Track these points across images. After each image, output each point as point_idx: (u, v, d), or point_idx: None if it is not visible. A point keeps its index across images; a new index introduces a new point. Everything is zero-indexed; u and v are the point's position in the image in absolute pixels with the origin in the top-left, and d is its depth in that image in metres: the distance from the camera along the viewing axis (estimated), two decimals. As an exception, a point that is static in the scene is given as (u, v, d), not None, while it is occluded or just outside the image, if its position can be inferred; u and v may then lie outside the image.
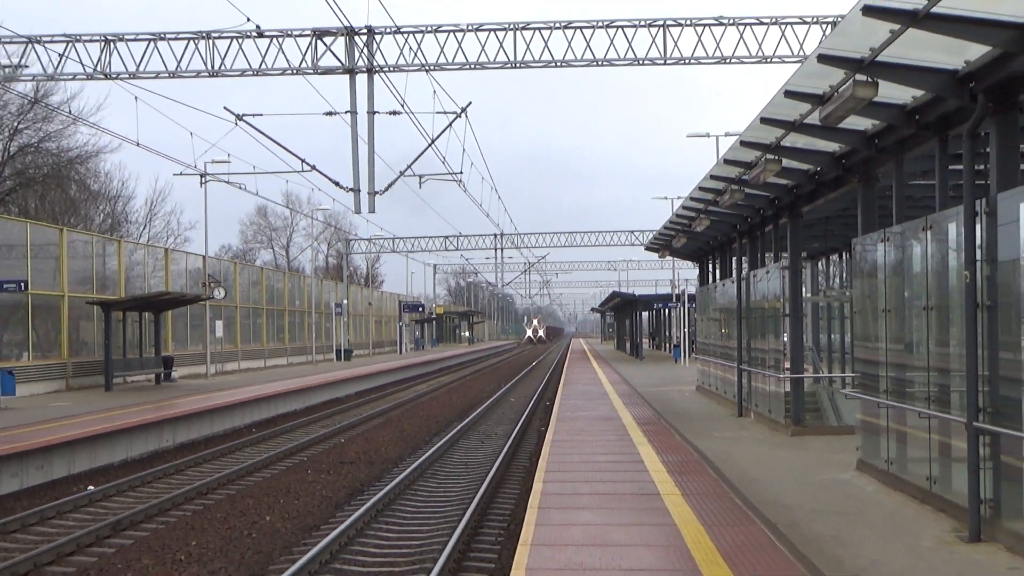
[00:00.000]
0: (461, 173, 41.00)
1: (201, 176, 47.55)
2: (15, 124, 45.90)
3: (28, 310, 33.74)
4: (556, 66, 32.46)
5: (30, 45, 32.81)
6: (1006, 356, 10.00)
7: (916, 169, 15.21)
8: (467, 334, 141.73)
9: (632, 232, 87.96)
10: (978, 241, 10.14)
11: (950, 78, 10.54)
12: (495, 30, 32.30)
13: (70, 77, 33.65)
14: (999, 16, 8.95)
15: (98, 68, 32.49)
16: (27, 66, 33.50)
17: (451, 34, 32.48)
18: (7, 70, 33.86)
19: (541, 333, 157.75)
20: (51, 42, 32.73)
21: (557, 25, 32.19)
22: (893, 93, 11.44)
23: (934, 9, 8.77)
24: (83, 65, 32.64)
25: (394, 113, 33.52)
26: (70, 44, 32.56)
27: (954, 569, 9.10)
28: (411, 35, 32.64)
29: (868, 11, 9.22)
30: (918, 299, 12.39)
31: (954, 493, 11.08)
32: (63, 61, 32.75)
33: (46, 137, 49.06)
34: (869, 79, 10.50)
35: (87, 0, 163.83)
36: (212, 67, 32.38)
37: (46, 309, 35.15)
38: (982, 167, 10.98)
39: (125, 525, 15.08)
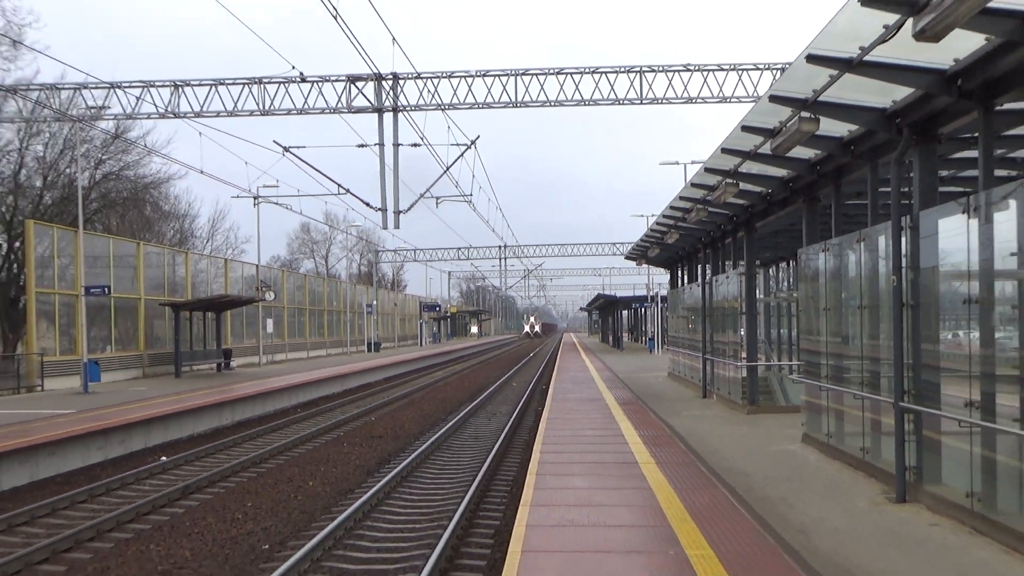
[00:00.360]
0: (471, 195, 41.05)
1: (254, 198, 47.62)
2: (100, 156, 45.96)
3: (111, 310, 33.85)
4: (551, 105, 32.54)
5: (112, 90, 32.86)
6: (926, 347, 10.08)
7: (851, 191, 15.24)
8: (475, 330, 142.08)
9: (614, 244, 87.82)
10: (903, 251, 10.22)
11: (880, 115, 10.60)
12: (499, 76, 32.37)
13: (145, 116, 33.73)
14: (920, 63, 8.99)
15: (168, 108, 32.55)
16: (109, 107, 33.55)
17: (462, 79, 32.54)
18: (93, 111, 33.92)
19: (537, 329, 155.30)
20: (129, 87, 32.78)
21: (551, 71, 32.25)
22: (832, 127, 11.50)
23: (866, 57, 8.82)
24: (156, 106, 32.72)
25: (415, 145, 33.62)
26: (145, 89, 32.61)
27: (884, 526, 9.15)
28: (429, 80, 32.70)
29: (811, 59, 9.27)
30: (853, 299, 12.45)
31: (883, 462, 11.13)
32: (139, 103, 32.82)
33: (125, 166, 49.06)
34: (812, 116, 10.56)
35: (160, 51, 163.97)
36: (263, 107, 32.44)
37: (126, 309, 35.23)
38: (906, 190, 11.01)
39: (192, 489, 15.14)
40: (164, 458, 18.29)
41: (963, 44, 8.32)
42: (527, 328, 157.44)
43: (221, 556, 10.98)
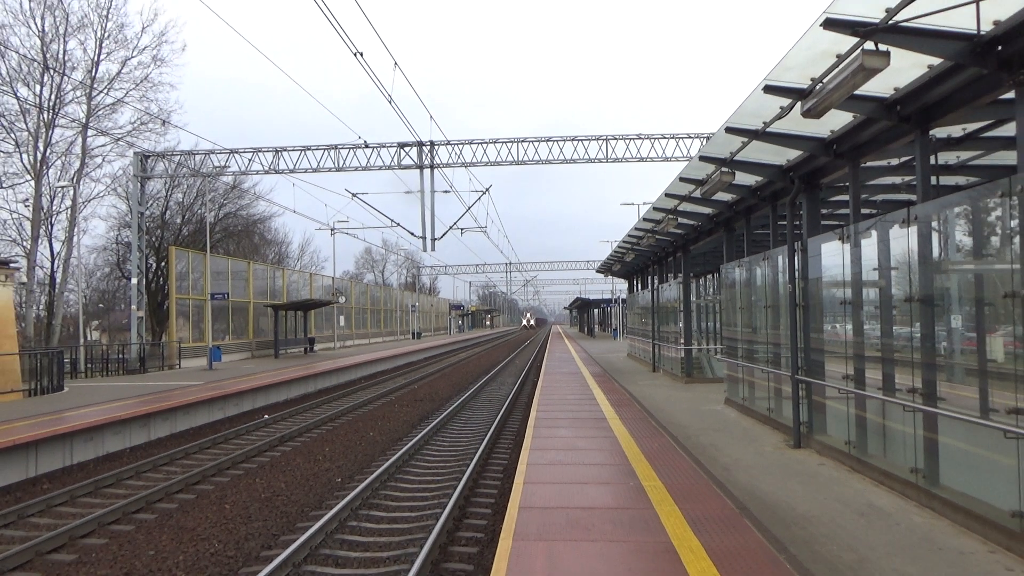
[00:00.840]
0: (486, 227, 41.04)
1: (331, 230, 47.54)
2: (222, 200, 46.07)
3: (229, 310, 33.81)
4: (543, 163, 32.48)
5: (231, 154, 32.84)
6: (813, 335, 9.99)
7: (758, 223, 15.15)
8: (489, 323, 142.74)
9: (588, 261, 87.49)
10: (797, 266, 10.12)
11: (778, 169, 10.53)
12: (506, 142, 32.34)
13: (254, 173, 33.71)
14: (806, 133, 8.93)
15: (271, 167, 32.51)
16: (229, 166, 33.54)
17: (479, 145, 32.49)
18: (217, 169, 33.92)
19: (532, 322, 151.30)
20: (243, 152, 32.74)
21: (543, 139, 32.22)
22: (744, 179, 11.44)
23: (768, 129, 8.76)
24: (262, 165, 32.68)
25: (445, 191, 33.71)
26: (254, 153, 32.57)
27: (784, 464, 9.06)
28: (456, 145, 32.65)
29: (729, 130, 9.21)
30: (760, 301, 12.36)
31: (784, 418, 11.04)
32: (250, 163, 32.78)
33: (240, 208, 49.14)
34: (730, 171, 10.49)
35: (264, 126, 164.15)
36: (338, 165, 32.39)
37: (239, 310, 35.20)
38: (797, 223, 10.93)
39: (286, 439, 15.04)
40: (267, 416, 18.22)
41: (837, 119, 8.26)
42: (524, 322, 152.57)
43: (307, 487, 10.90)
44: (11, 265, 20.34)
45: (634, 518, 6.48)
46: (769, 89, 7.56)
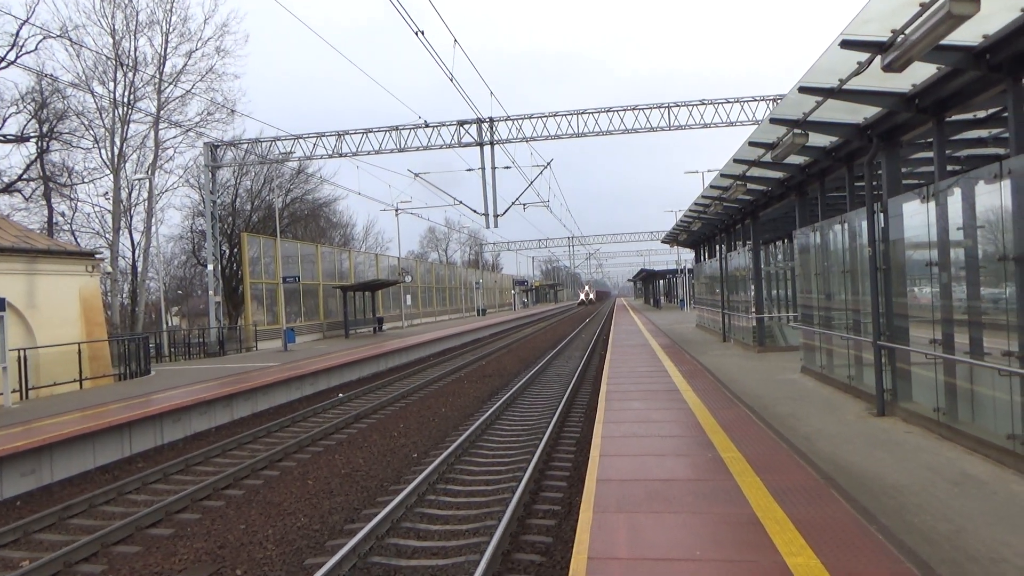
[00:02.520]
0: (548, 202, 40.82)
1: (395, 210, 48.22)
2: (289, 186, 47.14)
3: (300, 293, 34.69)
4: (604, 135, 31.99)
5: (296, 140, 33.49)
6: (895, 300, 9.61)
7: (832, 186, 14.61)
8: (553, 298, 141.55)
9: (652, 232, 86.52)
10: (876, 229, 9.73)
11: (855, 128, 10.08)
12: (566, 115, 31.96)
13: (319, 157, 34.26)
14: (884, 88, 8.51)
15: (334, 151, 33.00)
16: (294, 152, 34.22)
17: (540, 119, 32.21)
18: (283, 155, 34.65)
19: (592, 296, 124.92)
20: (307, 137, 33.33)
21: (603, 110, 31.69)
22: (817, 140, 11.00)
23: (844, 86, 8.38)
24: (326, 149, 33.20)
25: (507, 167, 33.55)
26: (318, 138, 33.12)
27: (868, 433, 8.77)
28: (516, 120, 32.44)
29: (802, 90, 8.85)
30: (837, 266, 11.95)
31: (866, 386, 10.68)
32: (314, 148, 33.37)
33: (306, 192, 50.24)
34: (803, 132, 10.11)
35: (328, 109, 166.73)
36: (400, 146, 32.64)
37: (309, 292, 36.08)
38: (876, 183, 10.47)
39: (361, 416, 15.39)
40: (341, 395, 18.68)
41: (920, 72, 7.83)
42: (582, 295, 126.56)
43: (384, 462, 11.15)
44: (96, 256, 21.29)
45: (715, 489, 6.39)
46: (847, 44, 7.21)
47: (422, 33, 15.17)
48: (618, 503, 6.14)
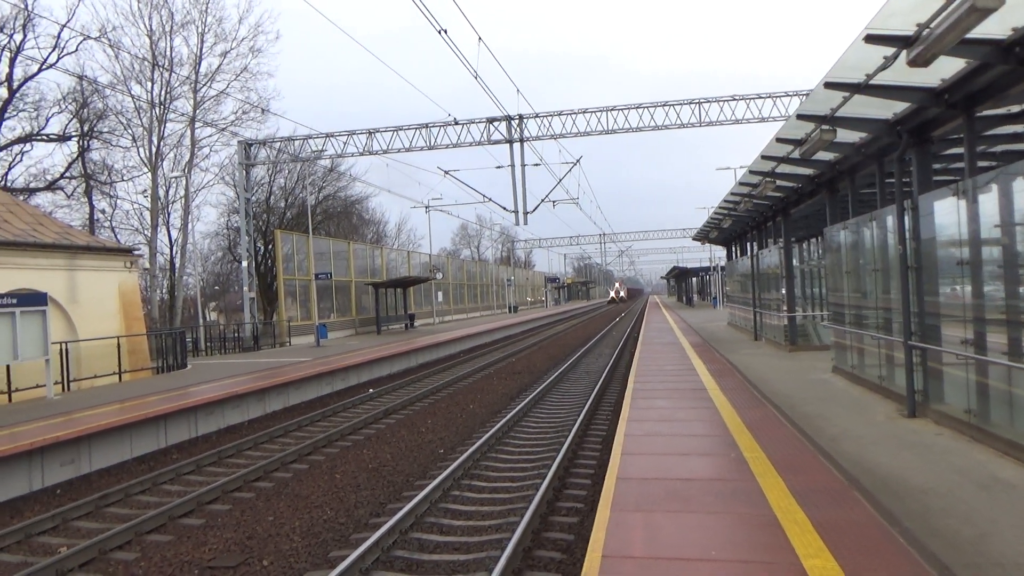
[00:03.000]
0: (577, 199, 40.79)
1: (426, 208, 48.57)
2: (321, 183, 47.78)
3: (332, 289, 35.14)
4: (634, 131, 31.83)
5: (327, 138, 33.91)
6: (927, 299, 9.44)
7: (863, 183, 14.38)
8: (585, 295, 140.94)
9: (684, 229, 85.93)
10: (907, 227, 9.57)
11: (884, 124, 9.91)
12: (595, 112, 31.87)
13: (350, 155, 34.65)
14: (912, 83, 8.36)
15: (365, 149, 33.35)
16: (326, 150, 34.67)
17: (569, 116, 32.17)
18: (315, 153, 35.11)
19: (623, 293, 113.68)
20: (339, 135, 33.74)
21: (632, 106, 31.54)
22: (846, 136, 10.82)
23: (871, 81, 8.25)
24: (356, 147, 33.57)
25: (536, 165, 33.59)
26: (349, 136, 33.50)
27: (898, 434, 8.64)
28: (544, 117, 32.45)
29: (828, 85, 8.73)
30: (868, 264, 11.77)
31: (896, 386, 10.50)
32: (345, 146, 33.76)
33: (338, 190, 50.90)
34: (831, 128, 9.97)
35: (358, 109, 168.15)
36: (429, 143, 32.86)
37: (342, 288, 36.51)
38: (906, 180, 10.29)
39: (390, 411, 15.55)
40: (372, 390, 18.88)
41: (948, 66, 7.68)
42: (612, 292, 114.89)
43: (411, 457, 11.27)
44: (134, 252, 21.81)
45: (735, 490, 6.37)
46: (871, 38, 7.11)
47: (445, 32, 15.28)
48: (636, 502, 6.15)
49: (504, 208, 33.37)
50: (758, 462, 7.23)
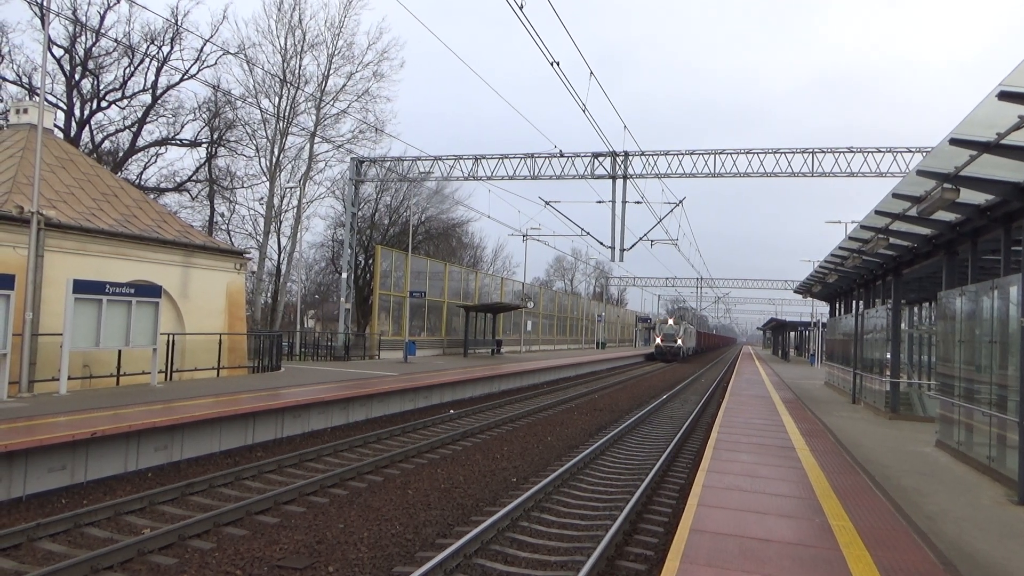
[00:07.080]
0: (677, 240, 40.09)
1: (523, 236, 48.94)
2: (425, 204, 49.05)
3: (425, 308, 35.83)
4: (741, 176, 31.16)
5: (435, 161, 34.85)
6: (1049, 377, 8.71)
7: (986, 248, 13.50)
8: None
9: (785, 281, 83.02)
10: (1031, 298, 8.89)
11: (1014, 187, 9.31)
12: (702, 154, 31.43)
13: (455, 179, 35.44)
14: (1053, 146, 7.83)
15: (470, 174, 34.06)
16: (433, 172, 35.60)
17: (675, 156, 31.88)
18: (422, 175, 36.11)
19: (679, 342, 61.38)
20: (446, 158, 34.61)
21: (742, 151, 30.93)
22: (970, 196, 10.22)
23: (1003, 141, 7.77)
24: (462, 171, 34.33)
25: (637, 202, 33.29)
26: (456, 161, 34.31)
27: (1005, 521, 7.95)
28: (650, 156, 32.26)
29: (954, 142, 8.29)
30: (985, 335, 10.98)
31: (1008, 469, 9.70)
32: (451, 170, 34.58)
33: (440, 212, 52.09)
34: (953, 187, 9.43)
35: (465, 136, 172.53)
36: (533, 173, 33.21)
37: (434, 308, 37.16)
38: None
39: (468, 434, 15.62)
40: (452, 411, 19.05)
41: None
42: (658, 339, 63.06)
43: (483, 482, 11.25)
44: (244, 255, 22.96)
45: (816, 557, 6.01)
46: (1005, 96, 6.72)
47: (557, 64, 15.46)
48: (709, 556, 5.90)
49: (601, 243, 33.23)
50: (844, 531, 6.81)
